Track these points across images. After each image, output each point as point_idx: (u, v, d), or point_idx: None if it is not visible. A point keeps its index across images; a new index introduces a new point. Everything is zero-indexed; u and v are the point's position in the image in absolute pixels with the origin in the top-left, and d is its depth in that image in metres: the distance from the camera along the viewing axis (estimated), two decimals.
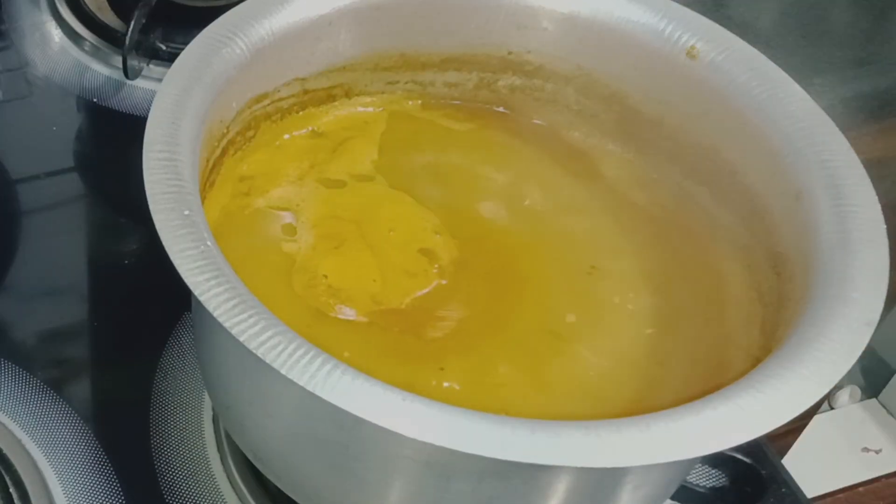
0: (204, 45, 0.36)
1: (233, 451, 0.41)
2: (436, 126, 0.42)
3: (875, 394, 0.87)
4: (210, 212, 0.36)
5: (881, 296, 0.30)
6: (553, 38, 0.41)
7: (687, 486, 0.40)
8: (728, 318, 0.36)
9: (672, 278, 0.37)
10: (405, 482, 0.30)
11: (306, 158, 0.40)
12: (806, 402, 0.27)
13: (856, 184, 0.33)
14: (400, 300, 0.35)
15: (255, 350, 0.27)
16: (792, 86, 0.37)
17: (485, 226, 0.38)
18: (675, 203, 0.39)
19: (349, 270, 0.36)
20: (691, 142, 0.39)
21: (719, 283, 0.37)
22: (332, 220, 0.38)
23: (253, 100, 0.38)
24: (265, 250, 0.36)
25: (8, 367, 0.44)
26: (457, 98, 0.43)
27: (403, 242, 0.37)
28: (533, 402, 0.33)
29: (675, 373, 0.34)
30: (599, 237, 0.39)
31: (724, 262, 0.37)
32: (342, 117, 0.42)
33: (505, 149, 0.42)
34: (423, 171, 0.41)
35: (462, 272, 0.36)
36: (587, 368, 0.34)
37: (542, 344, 0.34)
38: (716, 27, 0.39)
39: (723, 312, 0.36)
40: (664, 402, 0.31)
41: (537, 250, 0.38)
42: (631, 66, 0.40)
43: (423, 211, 0.38)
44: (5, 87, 0.57)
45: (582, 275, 0.37)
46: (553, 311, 0.35)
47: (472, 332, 0.34)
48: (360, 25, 0.40)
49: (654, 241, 0.39)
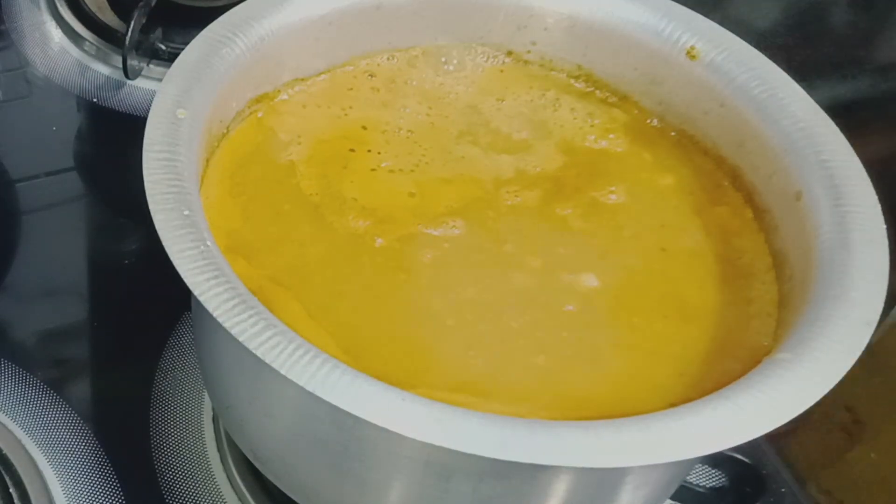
0: (204, 45, 0.36)
1: (233, 451, 0.41)
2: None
3: None
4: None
5: (881, 296, 0.30)
6: (553, 38, 0.41)
7: (687, 486, 0.40)
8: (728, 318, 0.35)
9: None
10: (405, 482, 0.30)
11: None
12: (806, 402, 0.27)
13: (856, 184, 0.33)
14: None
15: (254, 350, 0.27)
16: (792, 86, 0.37)
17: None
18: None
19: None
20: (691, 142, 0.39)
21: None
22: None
23: (253, 100, 0.38)
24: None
25: (8, 367, 0.44)
26: None
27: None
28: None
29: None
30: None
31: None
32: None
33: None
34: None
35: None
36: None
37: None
38: (716, 27, 0.39)
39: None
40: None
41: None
42: (631, 66, 0.40)
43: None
44: (5, 87, 0.57)
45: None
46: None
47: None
48: (360, 25, 0.40)
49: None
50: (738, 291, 0.35)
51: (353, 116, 0.39)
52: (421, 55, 0.42)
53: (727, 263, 0.36)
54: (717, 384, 0.29)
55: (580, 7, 0.40)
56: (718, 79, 0.38)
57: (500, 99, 0.41)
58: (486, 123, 0.40)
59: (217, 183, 0.36)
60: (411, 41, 0.41)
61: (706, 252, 0.36)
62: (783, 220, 0.35)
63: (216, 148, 0.37)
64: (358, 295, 0.33)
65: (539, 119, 0.40)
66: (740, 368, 0.31)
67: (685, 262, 0.36)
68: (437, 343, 0.32)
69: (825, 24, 0.73)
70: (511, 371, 0.32)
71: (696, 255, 0.36)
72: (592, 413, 0.31)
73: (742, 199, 0.37)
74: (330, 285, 0.33)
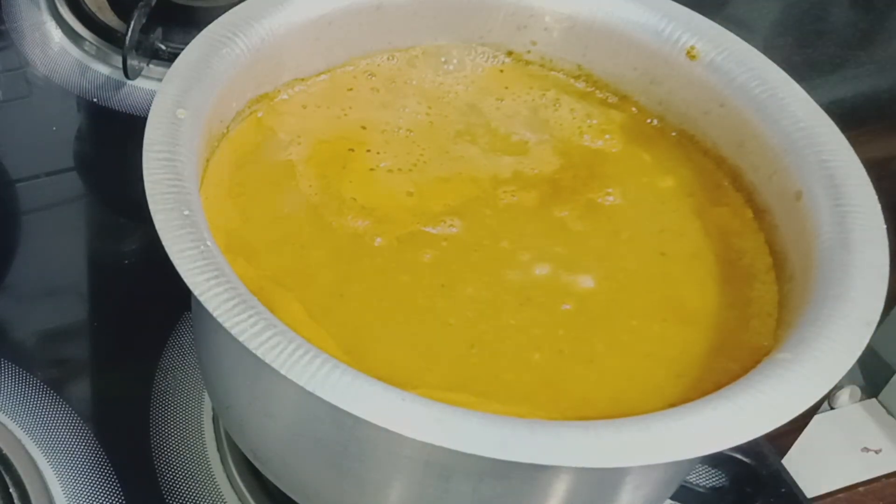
0: (204, 45, 0.36)
1: (233, 451, 0.41)
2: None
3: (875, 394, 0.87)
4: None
5: (881, 296, 0.30)
6: (553, 38, 0.41)
7: (687, 486, 0.40)
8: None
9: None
10: (405, 482, 0.30)
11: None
12: (806, 402, 0.27)
13: (856, 184, 0.33)
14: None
15: (254, 350, 0.27)
16: (792, 86, 0.37)
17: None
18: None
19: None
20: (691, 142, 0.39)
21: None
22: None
23: (253, 100, 0.38)
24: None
25: (8, 367, 0.44)
26: None
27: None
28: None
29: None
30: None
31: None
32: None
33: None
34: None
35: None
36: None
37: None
38: (716, 27, 0.39)
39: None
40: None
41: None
42: (631, 66, 0.40)
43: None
44: (5, 87, 0.57)
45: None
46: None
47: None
48: (360, 25, 0.40)
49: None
50: (739, 292, 0.35)
51: (353, 117, 0.39)
52: (421, 55, 0.42)
53: (727, 265, 0.36)
54: (716, 385, 0.29)
55: (580, 7, 0.40)
56: (718, 79, 0.38)
57: (499, 99, 0.41)
58: (485, 123, 0.40)
59: (217, 183, 0.36)
60: (411, 41, 0.41)
61: (706, 254, 0.36)
62: (783, 220, 0.35)
63: (216, 148, 0.37)
64: (359, 295, 0.33)
65: (539, 119, 0.40)
66: (739, 369, 0.31)
67: (685, 266, 0.36)
68: (439, 342, 0.32)
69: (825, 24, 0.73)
70: (509, 369, 0.32)
71: (696, 257, 0.36)
72: (591, 413, 0.31)
73: (742, 200, 0.37)
74: (331, 286, 0.33)
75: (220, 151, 0.37)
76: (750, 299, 0.34)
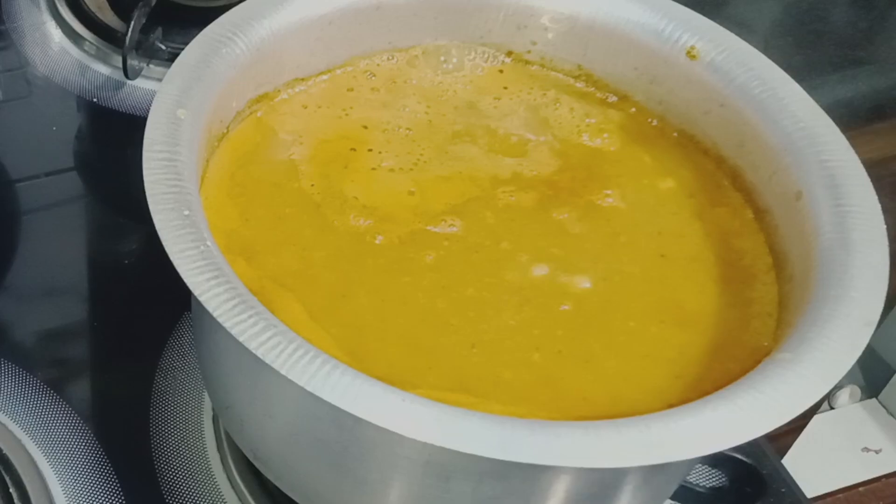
0: (204, 45, 0.36)
1: (233, 451, 0.41)
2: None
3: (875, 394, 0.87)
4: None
5: (881, 296, 0.30)
6: (553, 38, 0.41)
7: (687, 486, 0.40)
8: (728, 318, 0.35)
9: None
10: (405, 482, 0.30)
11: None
12: (806, 402, 0.27)
13: (856, 184, 0.33)
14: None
15: (254, 350, 0.27)
16: (792, 86, 0.37)
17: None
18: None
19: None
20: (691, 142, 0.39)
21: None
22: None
23: (253, 100, 0.38)
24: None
25: (8, 367, 0.44)
26: None
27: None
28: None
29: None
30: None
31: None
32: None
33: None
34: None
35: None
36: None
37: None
38: (716, 27, 0.39)
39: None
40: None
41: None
42: (631, 66, 0.40)
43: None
44: (5, 87, 0.57)
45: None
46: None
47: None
48: (360, 25, 0.40)
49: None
50: (739, 293, 0.35)
51: (354, 116, 0.39)
52: (421, 55, 0.42)
53: (727, 265, 0.36)
54: (716, 385, 0.29)
55: (580, 7, 0.40)
56: (718, 79, 0.38)
57: (499, 98, 0.41)
58: (485, 123, 0.40)
59: (217, 183, 0.36)
60: (411, 41, 0.41)
61: (706, 256, 0.36)
62: (783, 220, 0.35)
63: (216, 148, 0.37)
64: (360, 296, 0.33)
65: (538, 119, 0.40)
66: (739, 369, 0.31)
67: (685, 268, 0.36)
68: (441, 342, 0.32)
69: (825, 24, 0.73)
70: (509, 369, 0.32)
71: (696, 259, 0.36)
72: (590, 413, 0.31)
73: (742, 200, 0.37)
74: (332, 287, 0.33)
75: (220, 151, 0.37)
76: (750, 300, 0.34)
